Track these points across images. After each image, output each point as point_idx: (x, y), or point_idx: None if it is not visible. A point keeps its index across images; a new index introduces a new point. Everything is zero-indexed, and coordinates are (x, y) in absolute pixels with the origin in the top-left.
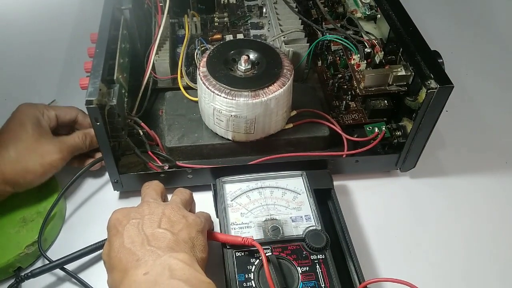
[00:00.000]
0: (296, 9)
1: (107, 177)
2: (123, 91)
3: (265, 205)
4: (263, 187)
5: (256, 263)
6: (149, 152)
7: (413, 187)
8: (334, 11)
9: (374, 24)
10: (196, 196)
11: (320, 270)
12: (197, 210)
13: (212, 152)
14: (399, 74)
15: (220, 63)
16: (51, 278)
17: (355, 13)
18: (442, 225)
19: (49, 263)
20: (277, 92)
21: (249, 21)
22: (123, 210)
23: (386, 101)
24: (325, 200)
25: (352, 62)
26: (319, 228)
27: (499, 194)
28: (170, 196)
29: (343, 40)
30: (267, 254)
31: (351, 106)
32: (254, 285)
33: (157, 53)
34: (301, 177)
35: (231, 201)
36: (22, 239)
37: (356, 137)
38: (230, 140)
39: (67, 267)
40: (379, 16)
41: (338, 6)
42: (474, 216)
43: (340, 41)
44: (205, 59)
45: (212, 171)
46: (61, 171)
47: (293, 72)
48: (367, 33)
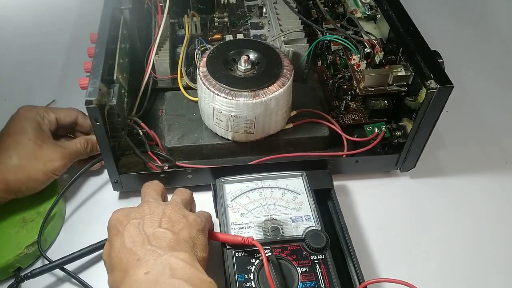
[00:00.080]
0: (296, 9)
1: (107, 177)
2: (122, 91)
3: (265, 205)
4: (263, 187)
5: (256, 263)
6: (149, 152)
7: (413, 187)
8: (334, 11)
9: (374, 24)
10: (196, 196)
11: (320, 270)
12: (197, 210)
13: (212, 152)
14: (399, 74)
15: (220, 63)
16: (51, 279)
17: (355, 13)
18: (442, 225)
19: (49, 263)
20: (277, 92)
21: (249, 21)
22: (123, 210)
23: (386, 101)
24: (325, 200)
25: (352, 62)
26: (319, 228)
27: (499, 194)
28: (171, 197)
29: (343, 40)
30: (267, 254)
31: (351, 106)
32: (254, 285)
33: (157, 53)
34: (301, 177)
35: (231, 201)
36: (22, 239)
37: (356, 137)
38: (230, 140)
39: (67, 267)
40: (379, 16)
41: (338, 6)
42: (474, 216)
43: (340, 41)
44: (205, 59)
45: (212, 171)
46: None
47: (293, 72)
48: (367, 33)
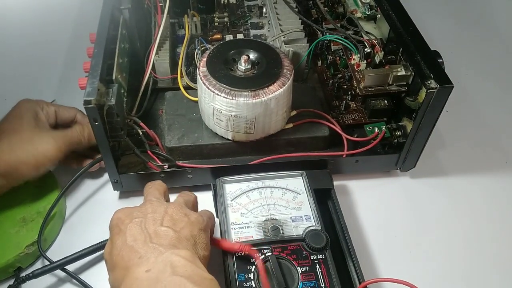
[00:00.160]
0: (296, 9)
1: (106, 177)
2: (122, 91)
3: (265, 205)
4: (263, 187)
5: (256, 263)
6: (149, 152)
7: (413, 187)
8: (334, 11)
9: (374, 24)
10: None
11: (320, 270)
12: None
13: (212, 152)
14: (399, 74)
15: (220, 63)
16: (52, 279)
17: (355, 13)
18: (442, 225)
19: (49, 264)
20: (277, 92)
21: (249, 21)
22: (125, 210)
23: (386, 101)
24: (325, 200)
25: (352, 62)
26: (319, 228)
27: (499, 194)
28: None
29: (343, 40)
30: (267, 254)
31: (351, 106)
32: (254, 285)
33: (157, 53)
34: (301, 177)
35: (231, 201)
36: (22, 239)
37: (356, 137)
38: (230, 140)
39: (67, 268)
40: (379, 16)
41: (338, 6)
42: (474, 216)
43: (340, 41)
44: (205, 59)
45: (212, 171)
46: (60, 171)
47: (293, 72)
48: (367, 33)
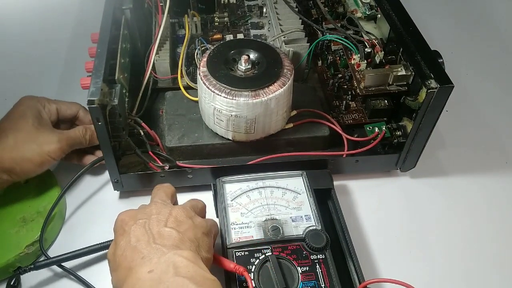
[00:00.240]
0: (296, 9)
1: (107, 177)
2: (124, 91)
3: (265, 205)
4: (263, 187)
5: (256, 263)
6: (150, 152)
7: (413, 187)
8: (334, 11)
9: (374, 24)
10: (196, 196)
11: (320, 270)
12: None
13: (212, 152)
14: (399, 74)
15: (220, 63)
16: (51, 278)
17: (355, 13)
18: (442, 225)
19: (49, 258)
20: (277, 92)
21: (249, 21)
22: (129, 212)
23: (386, 101)
24: (325, 200)
25: (352, 62)
26: (319, 228)
27: (499, 194)
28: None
29: (343, 40)
30: (267, 254)
31: (351, 106)
32: (254, 285)
33: (157, 53)
34: (301, 177)
35: (231, 201)
36: (22, 239)
37: (356, 137)
38: (230, 140)
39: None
40: (379, 16)
41: (338, 6)
42: (474, 216)
43: (340, 41)
44: (205, 59)
45: (212, 171)
46: (61, 170)
47: (293, 72)
48: (367, 33)
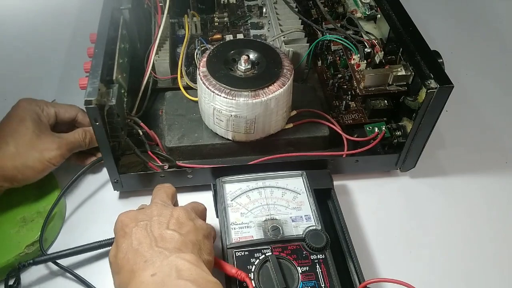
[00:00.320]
0: (296, 9)
1: (107, 177)
2: (122, 91)
3: (265, 205)
4: (263, 187)
5: (256, 263)
6: (149, 152)
7: (413, 187)
8: (334, 11)
9: (374, 24)
10: (196, 196)
11: (320, 270)
12: None
13: (212, 152)
14: (399, 74)
15: (220, 63)
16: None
17: (355, 13)
18: (442, 225)
19: (48, 254)
20: (277, 92)
21: (249, 21)
22: (129, 213)
23: (386, 101)
24: (325, 200)
25: (352, 62)
26: (319, 228)
27: (499, 194)
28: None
29: (343, 40)
30: (267, 254)
31: (351, 106)
32: (254, 285)
33: (157, 53)
34: (301, 177)
35: (231, 201)
36: (22, 239)
37: (356, 137)
38: (230, 140)
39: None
40: (379, 16)
41: (338, 6)
42: (474, 216)
43: (340, 41)
44: (205, 59)
45: (212, 171)
46: (61, 170)
47: (293, 72)
48: (367, 33)
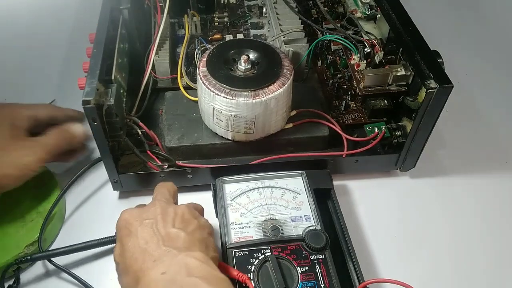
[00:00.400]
0: (296, 9)
1: (106, 177)
2: (121, 91)
3: (265, 205)
4: (262, 187)
5: (255, 263)
6: (149, 152)
7: (413, 187)
8: (334, 11)
9: (374, 24)
10: (196, 196)
11: (319, 270)
12: None
13: (212, 152)
14: (398, 74)
15: (220, 63)
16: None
17: (355, 13)
18: (442, 225)
19: (49, 250)
20: (277, 92)
21: (249, 21)
22: (132, 211)
23: (386, 101)
24: (325, 200)
25: (352, 62)
26: (319, 228)
27: (499, 194)
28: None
29: (343, 40)
30: (266, 254)
31: (351, 106)
32: (254, 285)
33: (157, 53)
34: (301, 177)
35: (231, 201)
36: (22, 239)
37: (356, 137)
38: (230, 140)
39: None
40: (379, 16)
41: (338, 6)
42: (474, 216)
43: (340, 41)
44: (205, 59)
45: (212, 171)
46: (61, 170)
47: (293, 72)
48: (367, 33)
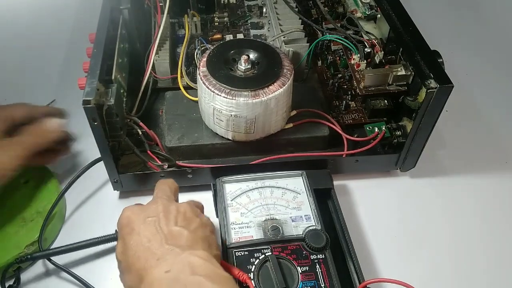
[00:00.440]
0: (296, 9)
1: (106, 177)
2: (121, 90)
3: (265, 204)
4: (263, 187)
5: (256, 263)
6: (149, 152)
7: (413, 187)
8: (334, 11)
9: (374, 24)
10: (196, 196)
11: (320, 270)
12: None
13: (212, 152)
14: (399, 74)
15: (220, 63)
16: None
17: (355, 13)
18: (442, 225)
19: (50, 249)
20: (277, 92)
21: (249, 21)
22: (134, 209)
23: (386, 101)
24: (325, 200)
25: (352, 62)
26: (319, 228)
27: (499, 194)
28: None
29: (343, 40)
30: (267, 254)
31: (351, 106)
32: (254, 285)
33: (157, 53)
34: (301, 177)
35: (231, 200)
36: (22, 239)
37: (356, 137)
38: (230, 140)
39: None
40: (379, 16)
41: (338, 6)
42: (474, 216)
43: (340, 41)
44: (205, 59)
45: (212, 171)
46: (61, 170)
47: (293, 72)
48: (367, 33)
